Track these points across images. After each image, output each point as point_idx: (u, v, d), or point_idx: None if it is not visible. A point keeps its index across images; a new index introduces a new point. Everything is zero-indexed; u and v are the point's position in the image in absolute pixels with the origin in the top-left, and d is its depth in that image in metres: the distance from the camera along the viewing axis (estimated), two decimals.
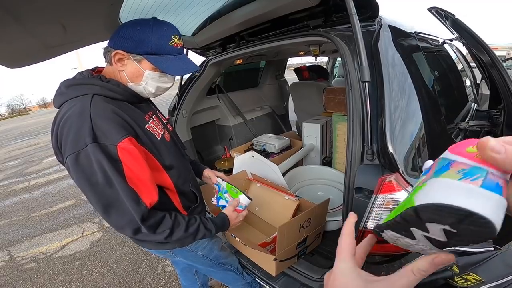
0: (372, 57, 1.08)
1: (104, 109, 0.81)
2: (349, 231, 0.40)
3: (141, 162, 0.84)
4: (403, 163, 0.92)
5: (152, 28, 0.87)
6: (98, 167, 0.77)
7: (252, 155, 1.85)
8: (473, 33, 1.55)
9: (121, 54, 0.88)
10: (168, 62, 0.90)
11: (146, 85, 0.94)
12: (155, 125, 1.00)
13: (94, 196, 0.80)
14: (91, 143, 0.76)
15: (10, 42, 0.98)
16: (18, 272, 2.59)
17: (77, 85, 0.86)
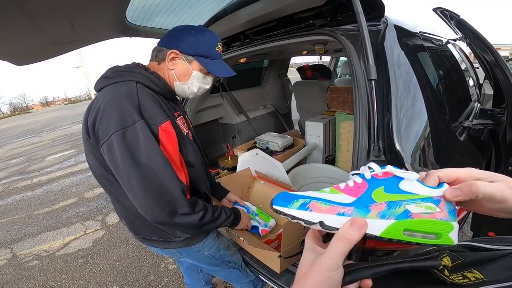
0: (378, 56, 1.09)
1: (148, 94, 0.90)
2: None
3: (175, 145, 0.92)
4: (409, 159, 0.93)
5: (204, 33, 0.99)
6: (145, 144, 0.81)
7: (257, 152, 1.85)
8: (477, 34, 1.55)
9: (175, 54, 0.97)
10: (214, 65, 1.00)
11: (191, 84, 1.03)
12: (182, 123, 1.06)
13: (137, 175, 0.82)
14: (140, 120, 0.82)
15: (19, 39, 0.99)
16: (21, 270, 2.60)
17: (124, 72, 0.93)
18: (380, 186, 0.41)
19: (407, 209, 0.39)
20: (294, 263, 1.40)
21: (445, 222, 0.39)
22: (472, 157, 1.34)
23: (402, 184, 0.40)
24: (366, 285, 0.39)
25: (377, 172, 0.42)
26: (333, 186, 0.43)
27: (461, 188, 0.37)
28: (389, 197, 0.40)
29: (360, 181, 0.42)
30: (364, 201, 0.40)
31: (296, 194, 0.41)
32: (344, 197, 0.41)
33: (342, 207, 0.39)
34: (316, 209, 0.39)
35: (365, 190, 0.41)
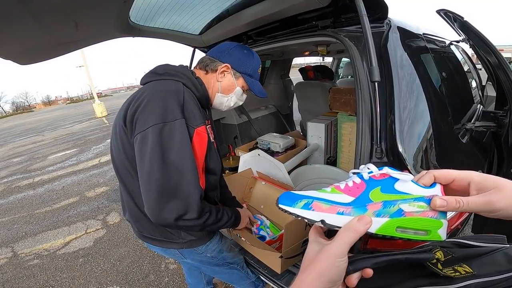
0: (381, 57, 1.09)
1: (191, 96, 0.94)
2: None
3: (204, 150, 0.94)
4: (412, 161, 0.93)
5: (254, 54, 1.09)
6: (178, 143, 0.83)
7: (258, 153, 1.85)
8: (481, 35, 1.55)
9: (227, 68, 1.05)
10: (254, 85, 1.10)
11: (230, 98, 1.10)
12: (210, 131, 1.08)
13: (159, 171, 0.82)
14: (181, 119, 0.84)
15: (24, 39, 0.99)
16: (21, 269, 2.60)
17: (172, 71, 0.98)
18: (377, 186, 0.44)
19: (400, 208, 0.42)
20: (295, 263, 1.40)
21: (434, 220, 0.42)
22: (474, 159, 1.33)
23: (397, 184, 0.44)
24: (367, 273, 0.41)
25: (375, 173, 0.46)
26: (334, 186, 0.46)
27: (448, 201, 0.40)
28: (385, 197, 0.43)
29: (358, 182, 0.45)
30: (362, 200, 0.43)
31: (300, 194, 0.44)
32: (344, 196, 0.44)
33: (341, 206, 0.43)
34: (318, 208, 0.43)
35: (363, 190, 0.44)
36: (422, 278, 0.46)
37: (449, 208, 0.40)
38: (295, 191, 0.46)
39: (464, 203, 0.40)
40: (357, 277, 0.41)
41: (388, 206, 0.42)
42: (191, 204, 0.85)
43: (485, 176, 0.41)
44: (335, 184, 0.46)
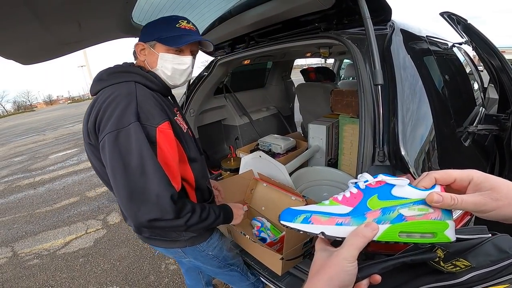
0: (384, 60, 1.09)
1: (148, 94, 0.90)
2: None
3: (174, 147, 0.90)
4: (414, 165, 0.93)
5: (160, 18, 1.00)
6: (136, 147, 0.80)
7: (260, 155, 1.85)
8: (484, 38, 1.55)
9: (141, 45, 1.00)
10: (174, 39, 0.96)
11: (162, 68, 1.00)
12: (181, 119, 1.07)
13: (123, 178, 0.81)
14: (134, 122, 0.81)
15: (27, 39, 1.00)
16: (21, 269, 2.60)
17: (119, 73, 0.94)
18: (374, 194, 0.45)
19: (400, 213, 0.43)
20: (296, 265, 1.40)
21: (439, 221, 0.42)
22: (476, 162, 1.33)
23: (394, 190, 0.44)
24: (376, 280, 0.42)
25: (370, 182, 0.46)
26: (332, 198, 0.47)
27: (444, 197, 0.41)
28: (383, 204, 0.44)
29: (355, 191, 0.46)
30: (360, 210, 0.44)
31: (299, 210, 0.46)
32: (342, 208, 0.45)
33: (340, 217, 0.44)
34: (317, 221, 0.44)
35: (361, 200, 0.45)
36: (427, 276, 0.47)
37: (444, 205, 0.41)
38: (297, 207, 0.47)
39: (458, 201, 0.40)
40: (366, 284, 0.42)
41: (387, 213, 0.43)
42: (163, 205, 0.83)
43: (485, 176, 0.42)
44: (333, 196, 0.47)
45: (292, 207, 0.47)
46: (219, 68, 2.26)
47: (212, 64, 2.27)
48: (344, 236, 0.42)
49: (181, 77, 1.05)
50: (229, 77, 2.99)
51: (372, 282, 0.42)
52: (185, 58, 1.02)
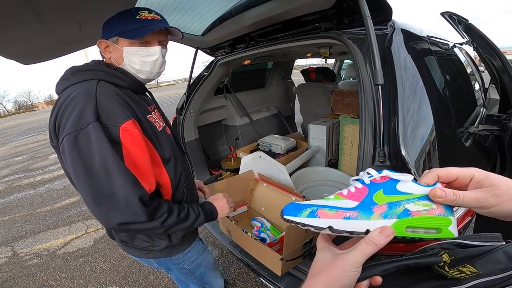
0: (384, 60, 1.08)
1: (109, 92, 0.83)
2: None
3: (141, 146, 0.84)
4: (415, 165, 0.93)
5: (119, 13, 0.93)
6: (97, 149, 0.75)
7: (260, 155, 1.85)
8: (485, 38, 1.55)
9: (104, 43, 0.94)
10: (137, 30, 0.89)
11: (129, 62, 0.94)
12: (157, 117, 1.01)
13: (86, 181, 0.76)
14: (93, 122, 0.75)
15: (29, 39, 0.99)
16: (21, 268, 2.59)
17: (83, 71, 0.88)
18: (379, 189, 0.45)
19: (406, 208, 0.43)
20: (296, 266, 1.39)
21: (443, 217, 0.43)
22: (477, 163, 1.32)
23: (399, 185, 0.44)
24: (376, 281, 0.42)
25: (375, 177, 0.46)
26: (337, 193, 0.46)
27: (447, 193, 0.41)
28: (388, 198, 0.44)
29: (360, 186, 0.46)
30: (366, 204, 0.44)
31: (304, 204, 0.45)
32: (348, 202, 0.44)
33: (347, 211, 0.43)
34: (324, 215, 0.43)
35: (366, 194, 0.45)
36: (429, 281, 0.47)
37: (446, 200, 0.41)
38: (301, 201, 0.46)
39: (460, 197, 0.41)
40: (366, 285, 0.42)
41: (394, 207, 0.43)
42: (133, 208, 0.78)
43: (485, 174, 0.42)
44: (338, 192, 0.46)
45: (295, 201, 0.46)
46: (219, 68, 2.26)
47: (213, 64, 2.27)
48: (352, 230, 0.42)
49: (152, 69, 0.98)
50: (229, 77, 2.99)
51: (373, 284, 0.42)
52: (153, 48, 0.95)
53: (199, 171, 2.50)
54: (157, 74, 1.01)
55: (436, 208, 0.43)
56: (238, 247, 1.58)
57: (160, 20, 0.94)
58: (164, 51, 0.99)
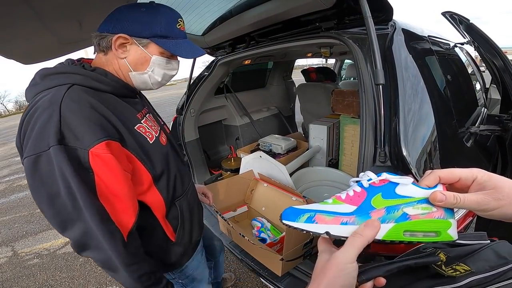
0: (385, 60, 1.08)
1: (80, 102, 0.66)
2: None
3: (117, 174, 0.69)
4: (416, 165, 0.92)
5: (159, 8, 0.78)
6: (60, 177, 0.63)
7: (260, 155, 1.85)
8: (487, 38, 1.54)
9: (124, 39, 0.76)
10: (178, 46, 0.80)
11: (152, 72, 0.82)
12: (149, 125, 0.86)
13: (50, 212, 0.66)
14: (55, 145, 0.61)
15: (29, 38, 0.99)
16: (21, 268, 2.58)
17: (54, 74, 0.72)
18: (378, 193, 0.44)
19: (405, 212, 0.42)
20: (296, 266, 1.39)
21: (442, 220, 0.42)
22: (478, 163, 1.32)
23: (398, 189, 0.44)
24: (380, 283, 0.42)
25: (374, 180, 0.45)
26: (335, 196, 0.46)
27: (447, 196, 0.41)
28: (387, 202, 0.43)
29: (359, 190, 0.45)
30: (364, 208, 0.43)
31: (302, 209, 0.44)
32: (346, 207, 0.44)
33: (345, 216, 0.43)
34: (322, 221, 0.43)
35: (365, 198, 0.44)
36: (427, 280, 0.48)
37: (447, 203, 0.41)
38: (299, 206, 0.45)
39: (461, 200, 0.40)
40: (370, 286, 0.42)
41: (392, 211, 0.42)
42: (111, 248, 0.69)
43: (488, 175, 0.41)
44: (336, 195, 0.46)
45: (294, 206, 0.45)
46: (219, 68, 2.26)
47: (213, 64, 2.27)
48: (349, 235, 0.42)
49: (166, 82, 0.89)
50: (230, 77, 2.99)
51: (377, 285, 0.42)
52: (176, 62, 0.87)
53: (200, 171, 2.49)
54: (163, 85, 0.91)
55: (435, 211, 0.42)
56: (238, 247, 1.58)
57: (185, 33, 0.86)
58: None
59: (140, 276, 0.76)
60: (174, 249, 0.96)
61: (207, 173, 2.58)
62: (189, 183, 1.03)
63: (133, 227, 0.74)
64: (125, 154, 0.74)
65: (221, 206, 1.72)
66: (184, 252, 1.00)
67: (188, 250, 1.03)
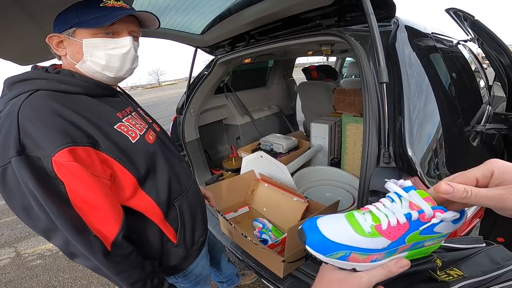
0: (388, 58, 1.06)
1: (39, 108, 0.64)
2: None
3: (87, 182, 0.66)
4: (421, 167, 0.90)
5: (78, 2, 0.76)
6: (26, 188, 0.61)
7: (261, 155, 1.83)
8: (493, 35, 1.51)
9: (56, 37, 0.75)
10: (102, 18, 0.72)
11: (92, 57, 0.75)
12: (132, 124, 0.82)
13: (29, 223, 0.65)
14: (15, 156, 0.59)
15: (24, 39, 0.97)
16: (24, 269, 2.59)
17: (18, 82, 0.70)
18: (419, 229, 0.39)
19: (424, 244, 0.41)
20: (298, 267, 1.38)
21: (440, 243, 0.43)
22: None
23: (439, 226, 0.39)
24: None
25: (426, 215, 0.38)
26: (375, 226, 0.40)
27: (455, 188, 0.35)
28: (419, 238, 0.40)
29: (403, 222, 0.39)
30: (397, 244, 0.40)
31: (337, 244, 0.39)
32: (381, 241, 0.39)
33: (376, 254, 0.40)
34: (354, 260, 0.40)
35: (404, 233, 0.39)
36: (421, 284, 0.49)
37: (454, 197, 0.35)
38: (333, 235, 0.40)
39: (472, 194, 0.34)
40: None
41: (416, 245, 0.41)
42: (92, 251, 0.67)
43: (507, 167, 0.35)
44: (376, 224, 0.40)
45: (327, 234, 0.40)
46: (219, 67, 2.24)
47: (212, 63, 2.25)
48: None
49: (123, 65, 0.79)
50: (230, 76, 2.97)
51: None
52: (122, 39, 0.77)
53: (200, 171, 2.48)
54: (129, 70, 0.83)
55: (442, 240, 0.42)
56: (239, 248, 1.57)
57: (129, 9, 0.77)
58: (136, 44, 0.82)
59: (133, 283, 0.75)
60: (177, 251, 0.93)
61: (208, 173, 2.57)
62: (189, 182, 0.98)
63: (117, 237, 0.71)
64: (100, 159, 0.70)
65: (222, 207, 1.71)
66: (187, 254, 0.97)
67: (193, 251, 1.01)
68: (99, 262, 0.68)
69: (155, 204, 0.83)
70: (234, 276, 1.65)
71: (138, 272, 0.76)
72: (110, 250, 0.69)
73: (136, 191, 0.80)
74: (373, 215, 0.41)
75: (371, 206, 0.42)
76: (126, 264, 0.73)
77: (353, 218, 0.41)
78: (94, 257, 0.67)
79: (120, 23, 0.75)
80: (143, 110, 0.99)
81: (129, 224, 0.76)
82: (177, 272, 0.99)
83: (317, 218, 0.43)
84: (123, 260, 0.73)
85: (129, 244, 0.75)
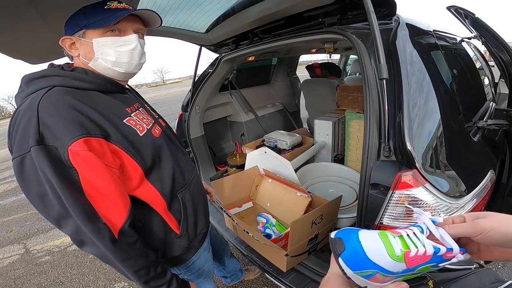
0: (389, 55, 1.07)
1: (57, 102, 0.69)
2: None
3: (100, 171, 0.71)
4: (421, 160, 0.92)
5: (83, 7, 0.82)
6: (43, 176, 0.65)
7: (265, 151, 1.85)
8: (493, 32, 1.51)
9: (69, 39, 0.81)
10: (105, 20, 0.79)
11: (103, 55, 0.81)
12: (140, 118, 0.87)
13: (44, 210, 0.69)
14: (35, 146, 0.64)
15: (35, 38, 1.00)
16: (33, 265, 2.64)
17: (36, 79, 0.76)
18: (437, 263, 0.41)
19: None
20: (301, 262, 1.40)
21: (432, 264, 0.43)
22: (485, 158, 1.30)
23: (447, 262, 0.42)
24: None
25: (455, 258, 0.41)
26: (404, 252, 0.40)
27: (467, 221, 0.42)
28: (427, 269, 0.42)
29: (430, 253, 0.41)
30: (409, 271, 0.41)
31: (370, 262, 0.40)
32: (402, 265, 0.40)
33: (391, 276, 0.40)
34: (375, 280, 0.40)
35: (422, 263, 0.41)
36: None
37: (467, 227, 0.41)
38: (369, 250, 0.40)
39: (450, 227, 0.42)
40: None
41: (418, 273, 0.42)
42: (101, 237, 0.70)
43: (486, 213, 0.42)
44: (407, 250, 0.41)
45: (367, 250, 0.40)
46: (223, 65, 2.26)
47: (217, 61, 2.27)
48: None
49: (131, 60, 0.85)
50: (234, 74, 2.99)
51: None
52: (128, 37, 0.83)
53: (205, 167, 2.51)
54: (138, 65, 0.89)
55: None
56: (243, 243, 1.59)
57: (133, 9, 0.84)
58: (142, 41, 0.88)
59: (137, 270, 0.79)
60: (179, 242, 0.97)
61: (213, 170, 2.60)
62: (192, 175, 1.03)
63: (124, 224, 0.75)
64: (111, 150, 0.75)
65: (227, 202, 1.74)
66: (190, 245, 1.01)
67: (195, 242, 1.04)
68: (106, 249, 0.72)
69: (159, 195, 0.88)
70: (237, 271, 1.69)
71: (142, 260, 0.80)
72: (117, 237, 0.74)
73: (142, 181, 0.85)
74: (403, 240, 0.41)
75: (403, 232, 0.43)
76: (132, 251, 0.77)
77: (387, 239, 0.41)
78: (102, 244, 0.71)
79: (125, 22, 0.81)
80: (149, 106, 1.04)
81: (135, 214, 0.80)
82: (180, 263, 1.03)
83: (358, 231, 0.42)
84: (129, 248, 0.77)
85: (134, 232, 0.79)
